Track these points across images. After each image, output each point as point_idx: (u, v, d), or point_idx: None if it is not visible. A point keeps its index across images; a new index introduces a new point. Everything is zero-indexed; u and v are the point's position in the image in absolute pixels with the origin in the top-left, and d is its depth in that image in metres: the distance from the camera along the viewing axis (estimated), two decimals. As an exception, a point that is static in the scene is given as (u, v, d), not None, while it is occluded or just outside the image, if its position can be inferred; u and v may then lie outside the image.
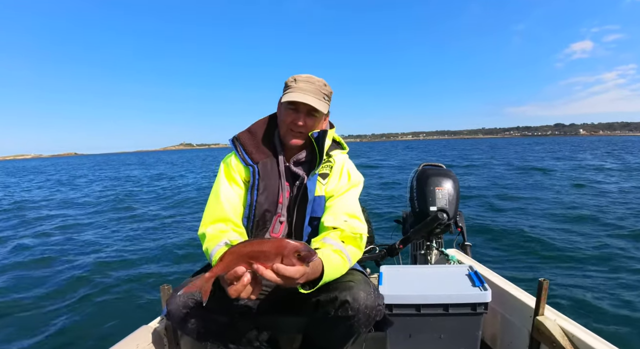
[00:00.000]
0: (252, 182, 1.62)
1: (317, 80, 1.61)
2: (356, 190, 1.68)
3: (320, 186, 1.63)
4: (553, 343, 1.61)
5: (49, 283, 5.51)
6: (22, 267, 6.33)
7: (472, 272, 1.99)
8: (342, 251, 1.44)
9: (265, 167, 1.65)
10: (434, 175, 2.66)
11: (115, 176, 28.77)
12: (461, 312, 1.78)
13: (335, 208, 1.58)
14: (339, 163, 1.70)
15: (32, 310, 4.55)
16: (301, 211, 1.62)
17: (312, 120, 1.62)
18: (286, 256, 1.15)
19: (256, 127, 1.74)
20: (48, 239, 8.33)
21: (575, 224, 7.76)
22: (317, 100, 1.58)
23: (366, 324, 1.41)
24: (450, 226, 2.58)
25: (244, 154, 1.67)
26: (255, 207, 1.61)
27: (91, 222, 10.37)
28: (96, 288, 5.17)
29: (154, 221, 10.24)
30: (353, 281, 1.42)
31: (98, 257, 6.66)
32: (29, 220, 11.09)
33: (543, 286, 1.67)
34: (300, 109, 1.58)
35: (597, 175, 16.61)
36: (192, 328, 1.46)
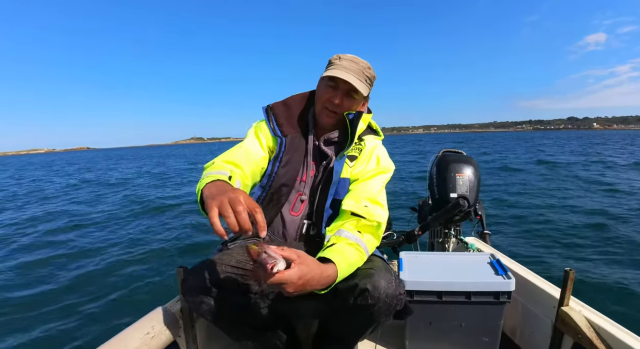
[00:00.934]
0: (277, 153, 1.58)
1: (361, 62, 1.56)
2: (384, 176, 1.60)
3: (346, 169, 1.57)
4: (578, 334, 1.57)
5: (67, 266, 5.62)
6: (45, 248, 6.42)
7: (494, 260, 1.95)
8: (359, 244, 1.37)
9: (293, 141, 1.61)
10: (454, 161, 2.61)
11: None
12: (483, 300, 1.74)
13: (357, 191, 1.52)
14: (370, 147, 1.64)
15: (48, 292, 4.62)
16: (324, 192, 1.57)
17: (350, 101, 1.56)
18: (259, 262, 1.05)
19: (292, 101, 1.70)
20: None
21: (599, 215, 7.65)
22: (358, 80, 1.52)
23: (386, 313, 1.36)
24: (470, 213, 2.53)
25: (274, 125, 1.63)
26: (273, 179, 1.57)
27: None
28: (112, 271, 5.25)
29: (173, 207, 10.30)
30: (373, 268, 1.36)
31: (116, 242, 6.75)
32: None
33: (569, 276, 1.62)
34: (340, 86, 1.53)
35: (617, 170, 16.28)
36: (207, 309, 1.41)
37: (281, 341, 1.62)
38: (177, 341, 1.72)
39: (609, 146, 34.61)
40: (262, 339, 1.57)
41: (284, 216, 1.64)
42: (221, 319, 1.46)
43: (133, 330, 1.55)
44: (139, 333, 1.54)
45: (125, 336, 1.51)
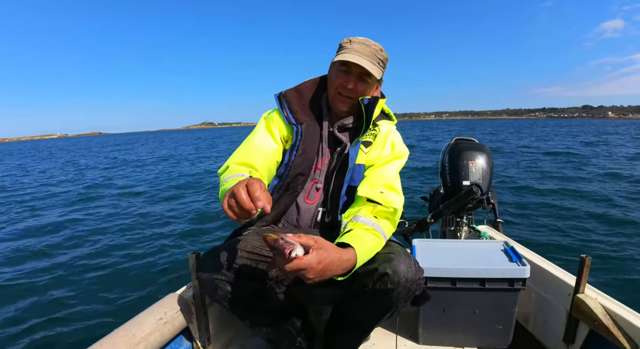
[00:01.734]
0: (294, 142, 1.55)
1: (373, 44, 1.51)
2: (399, 162, 1.57)
3: (361, 155, 1.54)
4: (594, 321, 1.55)
5: (81, 249, 5.70)
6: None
7: (507, 247, 1.93)
8: (376, 229, 1.35)
9: (309, 129, 1.58)
10: (467, 149, 2.58)
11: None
12: (498, 287, 1.72)
13: (373, 178, 1.49)
14: (384, 132, 1.61)
15: (60, 277, 4.68)
16: (339, 179, 1.55)
17: (363, 85, 1.53)
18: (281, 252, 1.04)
19: (304, 87, 1.67)
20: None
21: (613, 206, 7.59)
22: (371, 64, 1.48)
23: (405, 298, 1.34)
24: (483, 201, 2.50)
25: (288, 113, 1.60)
26: (290, 168, 1.55)
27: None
28: (126, 257, 5.30)
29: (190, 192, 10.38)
30: (393, 252, 1.34)
31: (129, 226, 6.83)
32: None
33: (585, 263, 1.60)
34: (352, 71, 1.49)
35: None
36: (222, 294, 1.41)
37: (295, 328, 1.61)
38: (189, 327, 1.72)
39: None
40: (276, 326, 1.56)
41: (299, 205, 1.62)
42: (236, 305, 1.45)
43: (146, 315, 1.55)
44: (152, 318, 1.55)
45: (138, 321, 1.51)
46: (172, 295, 1.72)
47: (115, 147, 44.82)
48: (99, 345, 1.35)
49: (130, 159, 24.41)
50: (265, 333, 1.59)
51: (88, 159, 26.48)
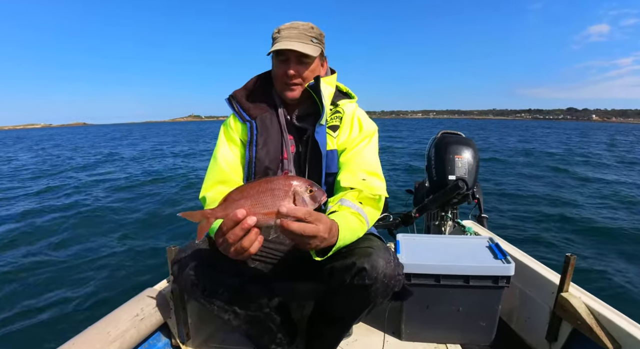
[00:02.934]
0: (250, 137, 1.53)
1: (301, 25, 1.50)
2: (372, 142, 1.56)
3: (331, 140, 1.52)
4: (578, 320, 1.55)
5: (53, 245, 5.54)
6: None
7: (492, 244, 1.92)
8: (360, 213, 1.33)
9: (264, 121, 1.55)
10: (453, 143, 2.56)
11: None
12: (482, 285, 1.71)
13: (351, 165, 1.47)
14: (349, 113, 1.58)
15: (32, 272, 4.54)
16: (315, 168, 1.52)
17: (304, 67, 1.50)
18: (298, 193, 1.04)
19: (251, 84, 1.65)
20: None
21: (597, 202, 7.69)
22: (303, 44, 1.46)
23: (384, 294, 1.32)
24: (468, 196, 2.50)
25: (240, 111, 1.58)
26: (255, 164, 1.52)
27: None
28: (101, 250, 5.17)
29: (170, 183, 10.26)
30: (372, 247, 1.31)
31: (106, 219, 6.72)
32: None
33: (570, 261, 1.59)
34: (289, 58, 1.48)
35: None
36: (198, 291, 1.38)
37: (275, 323, 1.58)
38: (168, 322, 1.68)
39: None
40: (255, 322, 1.53)
41: None
42: (213, 301, 1.42)
43: (122, 312, 1.51)
44: (127, 314, 1.50)
45: (113, 318, 1.47)
46: (149, 290, 1.67)
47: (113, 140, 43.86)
48: (71, 344, 1.30)
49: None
50: (245, 329, 1.55)
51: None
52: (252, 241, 1.05)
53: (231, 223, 1.02)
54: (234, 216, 1.01)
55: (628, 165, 14.68)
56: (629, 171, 12.86)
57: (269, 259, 1.57)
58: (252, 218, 1.01)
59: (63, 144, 35.68)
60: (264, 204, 1.03)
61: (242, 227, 1.02)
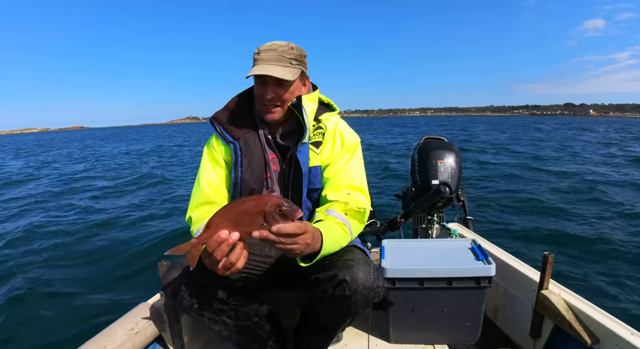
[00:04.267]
0: (235, 159, 1.55)
1: (279, 46, 1.49)
2: (355, 155, 1.59)
3: (314, 156, 1.55)
4: (558, 317, 1.60)
5: (46, 255, 5.55)
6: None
7: (475, 246, 1.97)
8: (345, 224, 1.39)
9: (247, 142, 1.57)
10: (436, 148, 2.62)
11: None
12: (465, 286, 1.77)
13: (336, 181, 1.52)
14: (331, 128, 1.60)
15: (26, 286, 4.51)
16: (296, 184, 1.55)
17: (283, 90, 1.50)
18: (268, 213, 1.09)
19: (233, 104, 1.65)
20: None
21: (579, 201, 7.76)
22: (281, 67, 1.46)
23: (363, 305, 1.38)
24: (453, 199, 2.56)
25: (223, 132, 1.59)
26: (240, 185, 1.55)
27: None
28: (95, 264, 5.17)
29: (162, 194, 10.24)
30: (353, 260, 1.37)
31: (98, 231, 6.69)
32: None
33: (548, 259, 1.65)
34: (268, 81, 1.47)
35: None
36: (188, 304, 1.43)
37: (265, 332, 1.63)
38: (163, 335, 1.73)
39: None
40: (245, 331, 1.58)
41: None
42: (204, 314, 1.48)
43: (117, 326, 1.56)
44: (123, 328, 1.55)
45: (109, 332, 1.51)
46: (144, 304, 1.72)
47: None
48: None
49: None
50: (235, 339, 1.60)
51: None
52: (239, 256, 1.12)
53: (215, 244, 1.09)
54: (217, 237, 1.08)
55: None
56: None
57: (255, 271, 1.60)
58: (235, 234, 1.08)
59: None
60: (242, 223, 1.10)
61: (227, 243, 1.08)
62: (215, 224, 1.11)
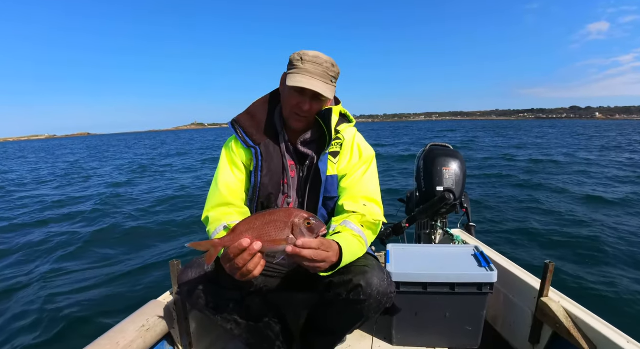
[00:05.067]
0: (256, 164, 1.58)
1: (324, 61, 1.50)
2: (371, 167, 1.64)
3: (332, 166, 1.60)
4: (557, 324, 1.64)
5: (55, 256, 5.59)
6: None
7: (477, 252, 2.01)
8: (361, 236, 1.45)
9: (268, 148, 1.60)
10: (441, 155, 2.67)
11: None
12: (467, 291, 1.81)
13: (353, 191, 1.57)
14: (349, 139, 1.65)
15: (37, 283, 4.59)
16: (313, 192, 1.59)
17: (319, 104, 1.55)
18: (296, 225, 1.16)
19: (255, 108, 1.68)
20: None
21: (583, 207, 7.74)
22: (324, 84, 1.49)
23: (376, 310, 1.44)
24: (456, 206, 2.59)
25: (244, 136, 1.61)
26: (259, 189, 1.59)
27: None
28: (104, 262, 5.24)
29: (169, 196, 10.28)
30: (368, 266, 1.42)
31: (107, 231, 6.77)
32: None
33: (549, 267, 1.69)
34: (307, 93, 1.49)
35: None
36: (203, 303, 1.48)
37: (273, 332, 1.67)
38: (171, 332, 1.77)
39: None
40: (255, 331, 1.63)
41: None
42: (217, 313, 1.53)
43: (129, 323, 1.60)
44: (134, 325, 1.60)
45: (121, 328, 1.56)
46: (154, 302, 1.77)
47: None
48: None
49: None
50: (245, 338, 1.64)
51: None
52: (257, 265, 1.17)
53: (237, 251, 1.14)
54: (239, 244, 1.13)
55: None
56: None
57: (268, 273, 1.66)
58: (258, 244, 1.14)
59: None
60: (267, 234, 1.16)
61: (249, 253, 1.14)
62: (240, 230, 1.17)
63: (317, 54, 1.50)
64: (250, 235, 1.15)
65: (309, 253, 1.15)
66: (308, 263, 1.17)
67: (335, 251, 1.26)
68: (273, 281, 1.68)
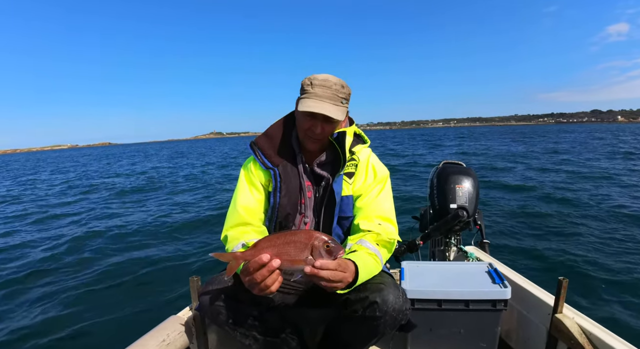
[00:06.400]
0: (275, 185, 1.64)
1: (334, 84, 1.55)
2: (386, 187, 1.69)
3: (347, 186, 1.65)
4: (571, 340, 1.64)
5: (78, 269, 5.69)
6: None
7: (491, 269, 2.03)
8: (377, 255, 1.49)
9: (286, 169, 1.66)
10: (454, 173, 2.70)
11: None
12: (481, 308, 1.83)
13: (368, 211, 1.62)
14: (364, 160, 1.70)
15: (58, 298, 4.65)
16: (328, 212, 1.64)
17: (330, 126, 1.60)
18: (315, 247, 1.21)
19: (273, 131, 1.74)
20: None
21: (594, 221, 7.64)
22: (334, 107, 1.54)
23: (392, 326, 1.46)
24: (470, 223, 2.61)
25: (263, 158, 1.67)
26: (278, 210, 1.64)
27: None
28: (123, 277, 5.30)
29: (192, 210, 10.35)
30: (383, 283, 1.46)
31: (126, 247, 6.85)
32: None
33: (562, 284, 1.70)
34: (317, 116, 1.54)
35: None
36: (223, 319, 1.52)
37: (290, 348, 1.70)
38: (191, 347, 1.81)
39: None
40: (273, 347, 1.65)
41: None
42: (236, 328, 1.57)
43: (149, 338, 1.64)
44: (155, 340, 1.64)
45: (142, 343, 1.60)
46: (173, 317, 1.81)
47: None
48: None
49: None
50: None
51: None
52: (274, 281, 1.23)
53: (257, 265, 1.19)
54: (259, 259, 1.19)
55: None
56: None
57: (285, 290, 1.69)
58: (277, 261, 1.20)
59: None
60: (287, 253, 1.21)
61: (268, 269, 1.20)
62: (262, 246, 1.23)
63: (326, 77, 1.56)
64: (270, 252, 1.20)
65: (327, 274, 1.20)
66: (325, 283, 1.22)
67: (352, 271, 1.31)
68: (290, 297, 1.71)
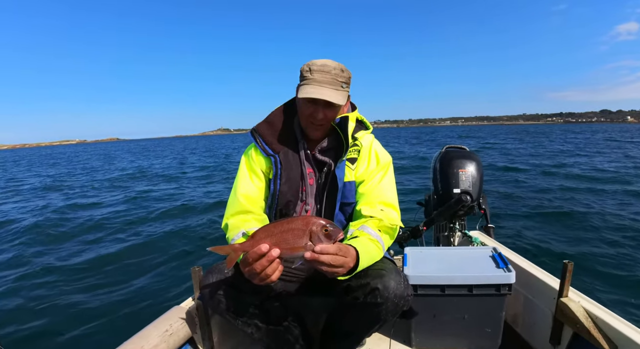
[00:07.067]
0: (275, 172, 1.62)
1: (332, 68, 1.53)
2: (388, 173, 1.67)
3: (349, 172, 1.63)
4: (577, 324, 1.63)
5: (80, 260, 5.71)
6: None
7: (495, 254, 2.01)
8: (378, 241, 1.47)
9: (287, 156, 1.64)
10: (457, 157, 2.67)
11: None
12: (485, 293, 1.81)
13: (370, 197, 1.60)
14: (366, 146, 1.68)
15: (60, 291, 4.68)
16: (330, 198, 1.62)
17: (332, 111, 1.57)
18: (314, 232, 1.19)
19: (273, 117, 1.72)
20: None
21: (601, 205, 7.60)
22: (334, 91, 1.51)
23: (393, 312, 1.45)
24: (474, 208, 2.59)
25: (264, 145, 1.66)
26: (278, 197, 1.63)
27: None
28: (126, 269, 5.32)
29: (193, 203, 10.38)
30: (385, 269, 1.45)
31: (129, 238, 6.88)
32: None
33: (567, 268, 1.68)
34: (318, 102, 1.52)
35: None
36: (224, 308, 1.52)
37: (293, 336, 1.70)
38: (194, 337, 1.82)
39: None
40: (275, 335, 1.66)
41: None
42: (238, 317, 1.57)
43: (152, 328, 1.65)
44: (158, 330, 1.64)
45: (145, 334, 1.61)
46: (177, 308, 1.81)
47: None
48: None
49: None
50: (265, 342, 1.68)
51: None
52: (274, 270, 1.21)
53: (256, 256, 1.18)
54: (258, 249, 1.17)
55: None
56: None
57: (287, 278, 1.69)
58: (276, 250, 1.18)
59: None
60: (286, 241, 1.20)
61: (267, 258, 1.18)
62: (260, 236, 1.21)
63: (324, 62, 1.54)
64: (269, 241, 1.19)
65: (327, 259, 1.18)
66: (326, 268, 1.20)
67: (353, 256, 1.29)
68: (292, 285, 1.71)
